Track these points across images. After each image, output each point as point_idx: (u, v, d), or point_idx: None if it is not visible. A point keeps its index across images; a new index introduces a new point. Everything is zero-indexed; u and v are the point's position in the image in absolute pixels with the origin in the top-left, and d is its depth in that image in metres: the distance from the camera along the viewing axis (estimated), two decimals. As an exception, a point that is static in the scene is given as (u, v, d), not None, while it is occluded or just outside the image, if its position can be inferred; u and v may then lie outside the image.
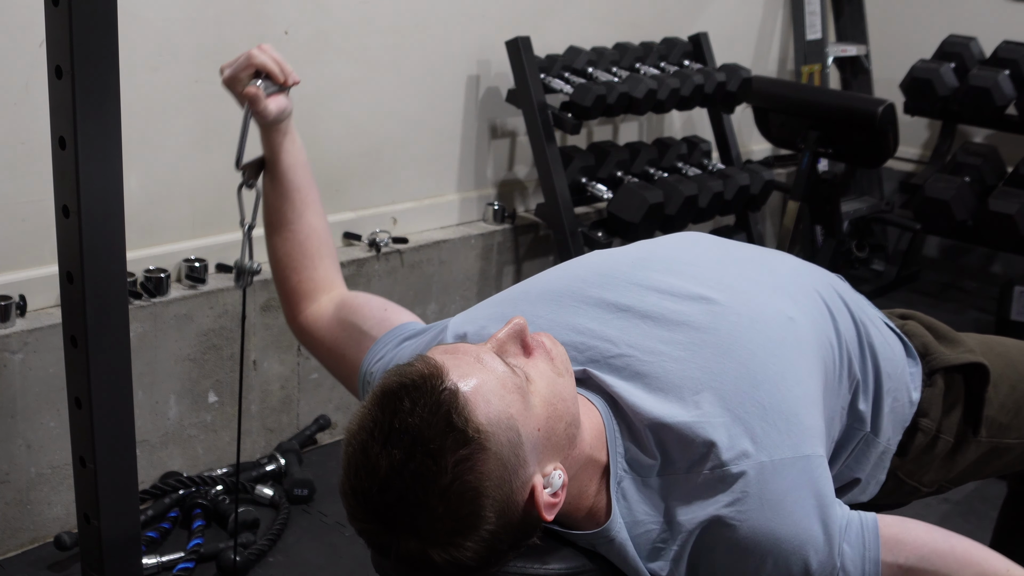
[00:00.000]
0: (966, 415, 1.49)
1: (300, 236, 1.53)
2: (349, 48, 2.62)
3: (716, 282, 1.33)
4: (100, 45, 1.21)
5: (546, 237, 3.10)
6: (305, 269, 1.53)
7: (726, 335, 1.26)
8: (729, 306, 1.29)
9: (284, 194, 1.53)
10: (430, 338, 1.38)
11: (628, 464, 1.21)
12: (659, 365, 1.24)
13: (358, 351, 1.44)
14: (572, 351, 1.26)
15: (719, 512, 1.16)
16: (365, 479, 1.08)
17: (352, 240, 2.72)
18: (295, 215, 1.53)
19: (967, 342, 1.53)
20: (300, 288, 1.53)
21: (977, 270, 4.09)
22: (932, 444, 1.46)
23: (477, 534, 1.08)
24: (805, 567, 1.16)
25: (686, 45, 3.41)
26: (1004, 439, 1.52)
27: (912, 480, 1.47)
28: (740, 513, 1.15)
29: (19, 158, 2.12)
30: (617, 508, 1.20)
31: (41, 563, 2.17)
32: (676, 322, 1.27)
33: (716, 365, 1.23)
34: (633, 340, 1.27)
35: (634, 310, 1.29)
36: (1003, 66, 3.59)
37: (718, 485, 1.17)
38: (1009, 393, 1.52)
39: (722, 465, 1.17)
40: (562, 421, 1.15)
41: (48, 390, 2.15)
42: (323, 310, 1.51)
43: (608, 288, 1.33)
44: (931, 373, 1.48)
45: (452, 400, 1.07)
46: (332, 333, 1.49)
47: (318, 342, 1.51)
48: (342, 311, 1.49)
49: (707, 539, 1.17)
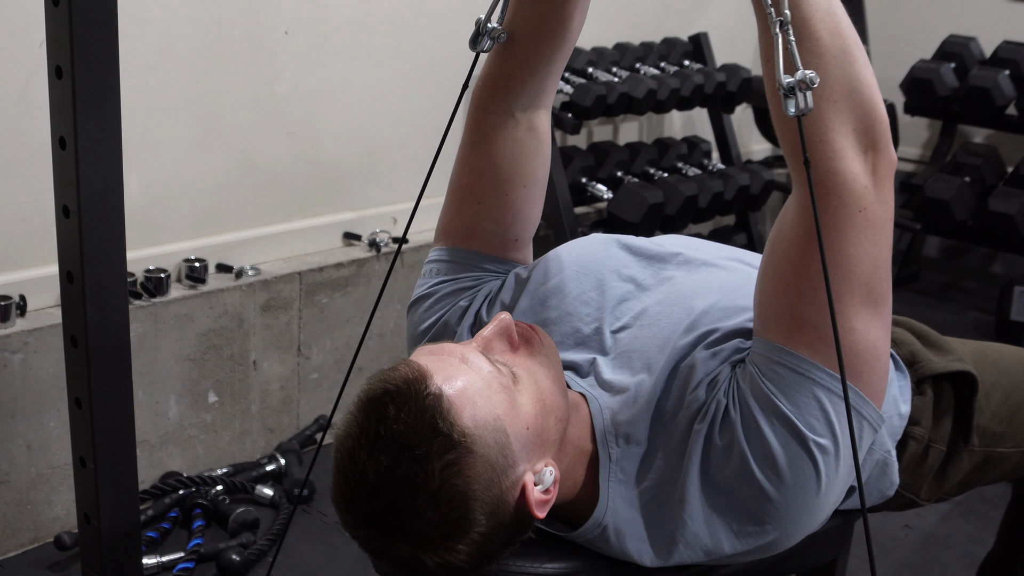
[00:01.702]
0: (957, 424, 1.46)
1: (571, 37, 1.36)
2: (349, 48, 2.62)
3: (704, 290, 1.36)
4: (100, 45, 1.21)
5: (546, 237, 3.10)
6: (554, 75, 1.38)
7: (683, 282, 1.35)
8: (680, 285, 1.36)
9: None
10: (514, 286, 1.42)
11: (624, 439, 1.21)
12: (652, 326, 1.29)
13: (481, 222, 1.42)
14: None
15: (717, 369, 1.20)
16: (354, 486, 1.08)
17: (352, 240, 2.72)
18: (581, 16, 1.35)
19: (957, 349, 1.50)
20: (544, 86, 1.39)
21: (977, 270, 4.09)
22: (924, 454, 1.43)
23: (468, 537, 1.08)
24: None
25: (686, 45, 3.41)
26: (998, 448, 1.48)
27: (909, 493, 1.45)
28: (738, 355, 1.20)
29: (19, 158, 2.12)
30: (607, 494, 1.20)
31: (41, 563, 2.17)
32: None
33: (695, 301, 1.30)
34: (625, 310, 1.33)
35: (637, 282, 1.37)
36: (1003, 66, 3.59)
37: (710, 361, 1.21)
38: (1003, 402, 1.48)
39: (704, 396, 1.20)
40: (551, 416, 1.15)
41: (48, 390, 2.15)
42: (518, 130, 1.40)
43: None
44: (920, 382, 1.45)
45: (436, 405, 1.07)
46: (492, 163, 1.40)
47: (479, 141, 1.42)
48: (516, 174, 1.41)
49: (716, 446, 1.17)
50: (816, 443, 1.12)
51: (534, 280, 1.40)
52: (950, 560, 2.36)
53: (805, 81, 1.01)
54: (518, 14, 1.33)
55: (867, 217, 1.11)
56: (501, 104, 1.40)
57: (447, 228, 1.47)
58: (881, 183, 1.12)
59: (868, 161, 1.11)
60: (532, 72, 1.37)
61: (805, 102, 1.02)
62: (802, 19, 1.09)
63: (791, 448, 1.12)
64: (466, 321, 1.40)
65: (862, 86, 1.11)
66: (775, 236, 1.16)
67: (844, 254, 1.11)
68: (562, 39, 1.34)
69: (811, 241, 1.09)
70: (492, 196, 1.41)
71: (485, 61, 1.41)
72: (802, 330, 1.13)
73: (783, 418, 1.12)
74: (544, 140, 1.42)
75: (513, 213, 1.42)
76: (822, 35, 1.10)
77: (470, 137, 1.45)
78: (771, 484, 1.13)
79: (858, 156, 1.11)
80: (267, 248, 2.55)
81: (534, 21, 1.32)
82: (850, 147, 1.11)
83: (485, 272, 1.44)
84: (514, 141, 1.40)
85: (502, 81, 1.39)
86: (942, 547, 2.40)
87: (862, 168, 1.11)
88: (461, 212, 1.44)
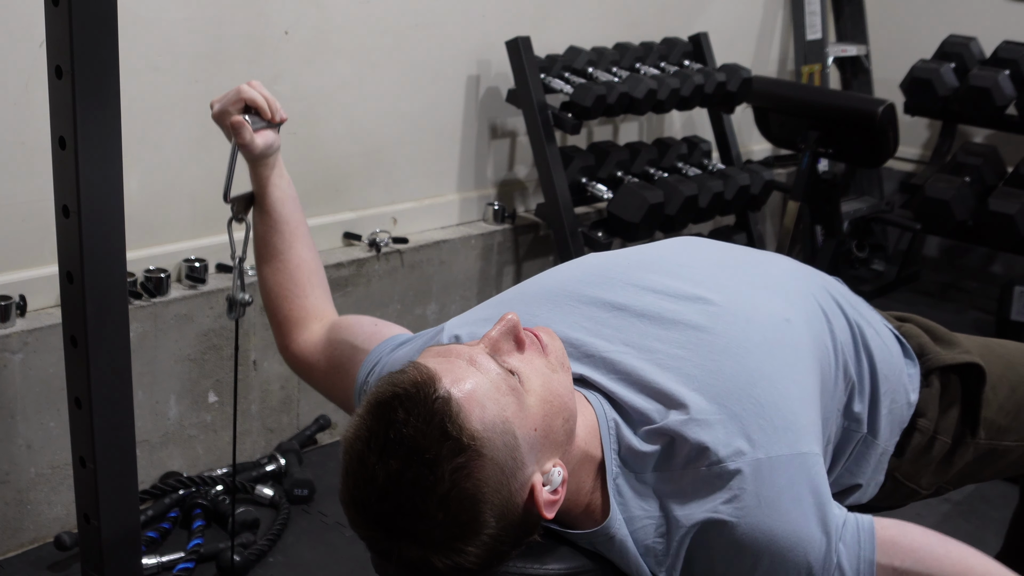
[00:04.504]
0: (963, 416, 1.49)
1: (290, 266, 1.55)
2: (349, 48, 2.62)
3: (713, 284, 1.33)
4: (100, 45, 1.21)
5: (546, 237, 3.10)
6: (296, 298, 1.54)
7: (722, 334, 1.26)
8: (725, 307, 1.29)
9: (273, 226, 1.54)
10: (424, 341, 1.38)
11: (623, 460, 1.21)
12: (655, 363, 1.24)
13: (351, 367, 1.44)
14: (569, 349, 1.26)
15: (716, 510, 1.16)
16: (363, 489, 1.08)
17: (352, 240, 2.72)
18: (285, 246, 1.55)
19: (964, 343, 1.52)
20: (291, 316, 1.54)
21: (977, 270, 4.09)
22: (929, 445, 1.46)
23: (478, 539, 1.09)
24: (801, 566, 1.16)
25: (686, 45, 3.41)
26: (1003, 441, 1.51)
27: (910, 483, 1.47)
28: (737, 511, 1.15)
29: (19, 158, 2.12)
30: (616, 504, 1.20)
31: (41, 563, 2.17)
32: (673, 321, 1.28)
33: (712, 363, 1.23)
34: (629, 338, 1.27)
35: (630, 309, 1.30)
36: (1003, 66, 3.59)
37: (714, 482, 1.16)
38: (1009, 395, 1.51)
39: (718, 462, 1.16)
40: (559, 417, 1.15)
41: (48, 390, 2.15)
42: (314, 335, 1.52)
43: (605, 288, 1.33)
44: (927, 374, 1.48)
45: (445, 408, 1.07)
46: (325, 355, 1.49)
47: (312, 366, 1.52)
48: (333, 332, 1.50)
49: (704, 537, 1.17)
50: None
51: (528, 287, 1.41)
52: (950, 560, 2.35)
53: None
54: (260, 269, 1.57)
55: None
56: (296, 338, 1.54)
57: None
58: None
59: None
60: (299, 305, 1.55)
61: None
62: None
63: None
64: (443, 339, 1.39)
65: None
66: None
67: None
68: (289, 267, 1.55)
69: None
70: (343, 381, 1.48)
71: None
72: None
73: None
74: (345, 327, 1.52)
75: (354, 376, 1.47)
76: None
77: (303, 375, 1.58)
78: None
79: None
80: (267, 248, 2.55)
81: (272, 267, 1.55)
82: None
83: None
84: (327, 359, 1.50)
85: (281, 325, 1.56)
86: (942, 547, 2.40)
87: None
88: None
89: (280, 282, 1.55)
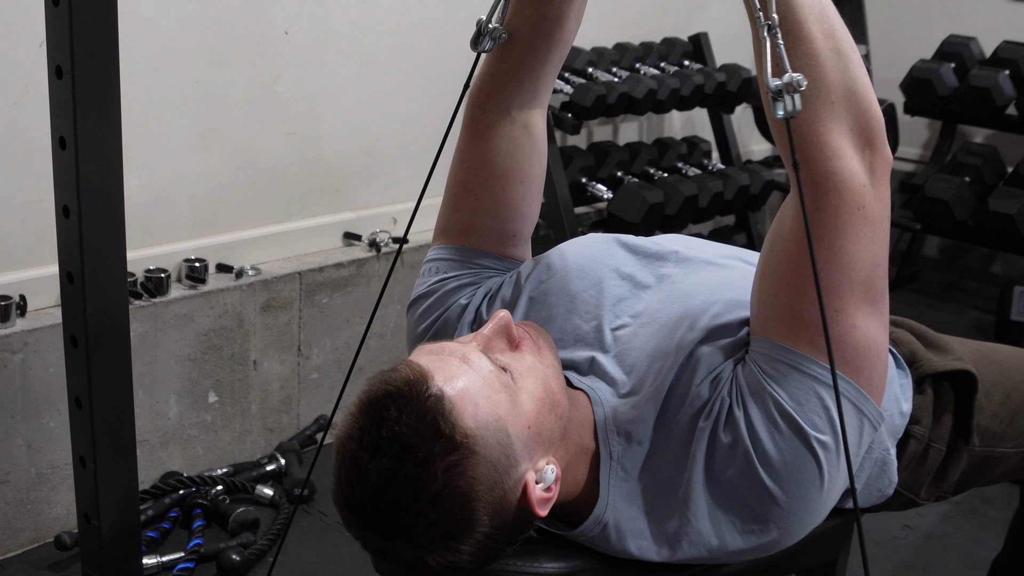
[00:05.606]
0: (957, 424, 1.46)
1: (567, 38, 1.36)
2: (349, 48, 2.62)
3: (684, 266, 1.38)
4: (100, 45, 1.21)
5: (546, 237, 3.10)
6: (549, 75, 1.39)
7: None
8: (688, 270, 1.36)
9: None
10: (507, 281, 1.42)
11: (626, 436, 1.21)
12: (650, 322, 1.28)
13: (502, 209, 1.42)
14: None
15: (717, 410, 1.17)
16: (356, 488, 1.08)
17: (352, 240, 2.72)
18: (577, 17, 1.36)
19: (956, 349, 1.50)
20: (540, 85, 1.40)
21: (977, 270, 4.09)
22: (924, 454, 1.43)
23: (471, 537, 1.08)
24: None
25: (686, 45, 3.41)
26: (998, 448, 1.48)
27: (908, 492, 1.45)
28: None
29: (19, 158, 2.12)
30: (607, 491, 1.20)
31: (41, 563, 2.17)
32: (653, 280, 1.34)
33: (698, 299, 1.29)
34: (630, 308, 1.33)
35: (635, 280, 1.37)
36: (1003, 66, 3.59)
37: (711, 391, 1.19)
38: (1003, 402, 1.48)
39: (706, 393, 1.19)
40: (552, 414, 1.16)
41: (48, 390, 2.15)
42: (538, 122, 1.41)
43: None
44: (920, 381, 1.45)
45: (438, 406, 1.07)
46: (514, 152, 1.40)
47: (505, 141, 1.41)
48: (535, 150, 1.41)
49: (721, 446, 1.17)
50: (818, 440, 1.12)
51: (534, 278, 1.40)
52: (950, 560, 2.36)
53: (793, 84, 1.01)
54: (516, 15, 1.33)
55: (866, 215, 1.11)
56: (498, 102, 1.40)
57: (445, 226, 1.47)
58: (878, 181, 1.13)
59: (865, 160, 1.12)
60: (528, 72, 1.37)
61: (793, 105, 1.02)
62: (796, 22, 1.10)
63: (794, 445, 1.13)
64: (466, 318, 1.39)
65: (857, 86, 1.12)
66: (774, 235, 1.17)
67: (844, 252, 1.11)
68: (558, 40, 1.35)
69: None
70: (489, 192, 1.41)
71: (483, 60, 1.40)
72: (804, 328, 1.13)
73: (786, 415, 1.13)
74: (540, 139, 1.42)
75: (511, 209, 1.42)
76: (816, 37, 1.10)
77: (467, 135, 1.46)
78: (774, 482, 1.13)
79: (856, 155, 1.11)
80: (267, 248, 2.55)
81: (532, 22, 1.33)
82: (847, 146, 1.11)
83: (484, 269, 1.44)
84: (510, 139, 1.40)
85: (499, 80, 1.40)
86: (942, 547, 2.40)
87: (860, 167, 1.11)
88: (459, 209, 1.44)
89: (555, 48, 1.36)
